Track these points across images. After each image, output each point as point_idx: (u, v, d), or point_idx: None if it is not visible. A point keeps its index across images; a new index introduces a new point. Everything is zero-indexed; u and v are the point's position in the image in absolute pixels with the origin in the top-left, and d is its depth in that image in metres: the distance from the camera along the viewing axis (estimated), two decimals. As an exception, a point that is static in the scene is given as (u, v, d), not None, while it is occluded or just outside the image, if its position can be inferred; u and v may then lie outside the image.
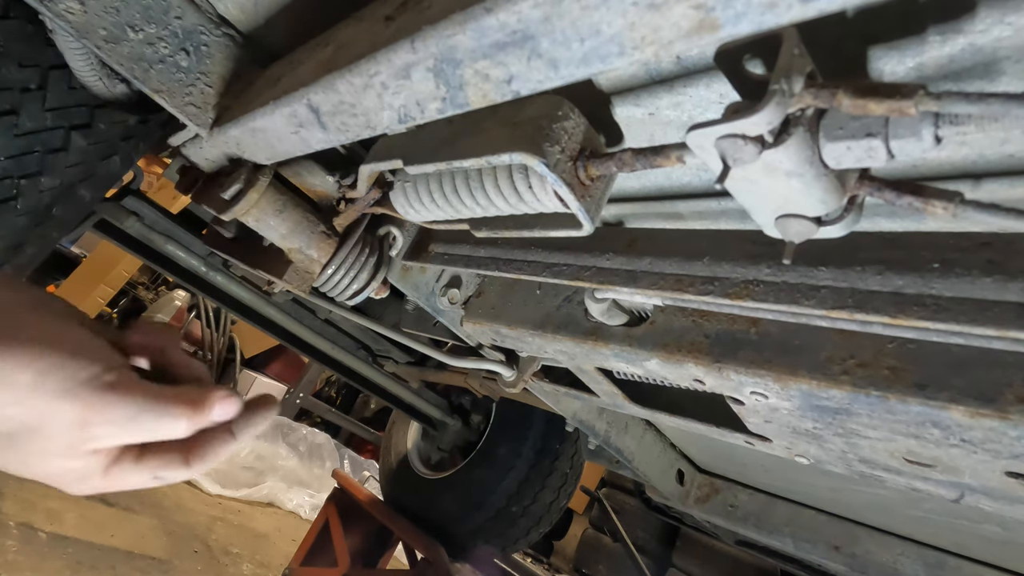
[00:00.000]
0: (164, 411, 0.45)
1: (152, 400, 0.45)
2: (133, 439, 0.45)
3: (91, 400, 0.42)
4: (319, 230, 0.82)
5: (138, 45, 0.66)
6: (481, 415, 2.92)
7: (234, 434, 0.50)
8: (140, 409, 0.44)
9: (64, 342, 0.42)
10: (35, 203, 1.13)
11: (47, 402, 0.41)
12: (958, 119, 0.34)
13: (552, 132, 0.48)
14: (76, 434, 0.42)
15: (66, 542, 3.36)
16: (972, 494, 0.68)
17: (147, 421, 0.45)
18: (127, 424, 0.44)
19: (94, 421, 0.42)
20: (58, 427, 0.41)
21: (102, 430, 0.43)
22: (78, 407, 0.42)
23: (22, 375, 0.40)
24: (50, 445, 0.42)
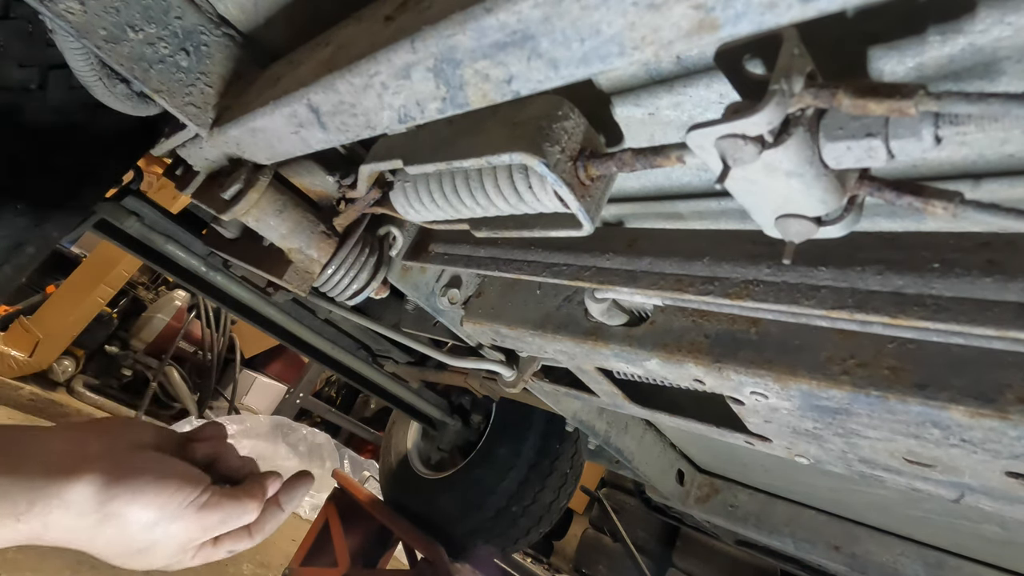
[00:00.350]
0: (242, 510, 0.61)
1: (232, 504, 0.61)
2: (219, 534, 0.61)
3: (193, 519, 0.58)
4: (319, 230, 0.82)
5: (138, 45, 0.66)
6: (481, 415, 2.92)
7: (282, 506, 0.66)
8: (227, 515, 0.60)
9: (170, 478, 0.57)
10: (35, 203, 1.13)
11: (164, 529, 0.56)
12: (958, 119, 0.34)
13: (552, 132, 0.48)
14: (182, 543, 0.59)
15: (66, 542, 3.36)
16: (972, 494, 0.68)
17: (231, 521, 0.61)
18: (218, 527, 0.60)
19: (196, 534, 0.59)
20: (171, 542, 0.58)
21: (200, 535, 0.59)
22: (184, 526, 0.58)
23: (146, 514, 0.55)
24: (164, 552, 0.58)
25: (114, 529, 0.54)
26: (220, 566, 4.11)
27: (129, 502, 0.54)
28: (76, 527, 0.53)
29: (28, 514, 0.50)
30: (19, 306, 4.76)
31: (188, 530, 0.58)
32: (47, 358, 4.58)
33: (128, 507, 0.54)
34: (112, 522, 0.54)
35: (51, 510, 0.51)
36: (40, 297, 4.84)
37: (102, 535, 0.54)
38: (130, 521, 0.54)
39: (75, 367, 4.85)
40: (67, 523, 0.52)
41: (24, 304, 4.78)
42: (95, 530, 0.53)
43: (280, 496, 0.66)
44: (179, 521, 0.57)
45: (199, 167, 0.83)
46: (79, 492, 0.52)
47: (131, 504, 0.54)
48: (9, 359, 4.39)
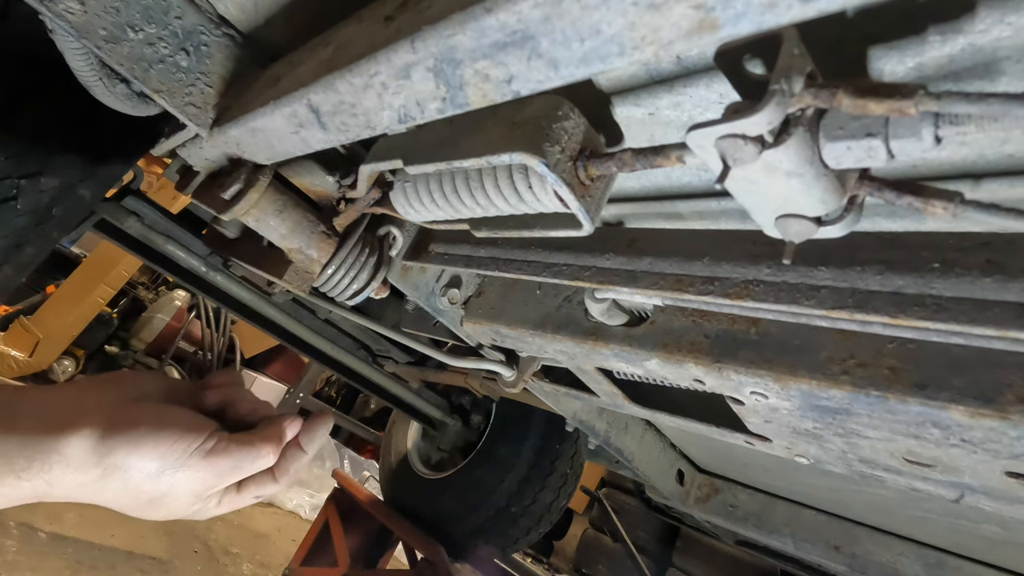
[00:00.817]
0: (255, 454, 0.60)
1: (244, 449, 0.59)
2: (237, 480, 0.60)
3: (201, 466, 0.56)
4: (319, 230, 0.82)
5: (138, 45, 0.66)
6: (481, 415, 2.92)
7: (304, 448, 0.64)
8: (238, 460, 0.59)
9: (170, 427, 0.56)
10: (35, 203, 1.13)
11: (170, 478, 0.55)
12: (958, 119, 0.34)
13: (552, 132, 0.48)
14: (196, 491, 0.57)
15: (66, 542, 3.36)
16: (972, 494, 0.68)
17: (245, 466, 0.59)
18: (231, 473, 0.59)
19: (209, 481, 0.57)
20: (182, 491, 0.57)
21: (213, 482, 0.58)
22: (193, 474, 0.56)
23: (148, 464, 0.54)
24: (179, 502, 0.57)
25: (118, 482, 0.53)
26: (220, 566, 4.11)
27: (128, 453, 0.53)
28: (80, 482, 0.52)
29: (28, 471, 0.50)
30: (19, 306, 4.76)
31: (199, 478, 0.56)
32: (47, 358, 4.58)
33: (128, 458, 0.53)
34: (115, 474, 0.53)
35: (51, 466, 0.51)
36: (40, 297, 4.84)
37: (108, 488, 0.54)
38: (133, 472, 0.53)
39: (75, 367, 4.85)
40: (70, 478, 0.52)
41: (24, 304, 4.79)
42: (100, 483, 0.53)
43: (301, 438, 0.64)
44: (186, 469, 0.55)
45: (199, 167, 0.83)
46: (76, 446, 0.51)
47: (131, 455, 0.53)
48: (9, 359, 4.39)
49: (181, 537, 4.17)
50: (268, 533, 5.04)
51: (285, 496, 5.44)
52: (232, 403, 0.65)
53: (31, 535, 3.24)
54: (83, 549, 3.38)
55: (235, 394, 0.65)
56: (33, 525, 3.32)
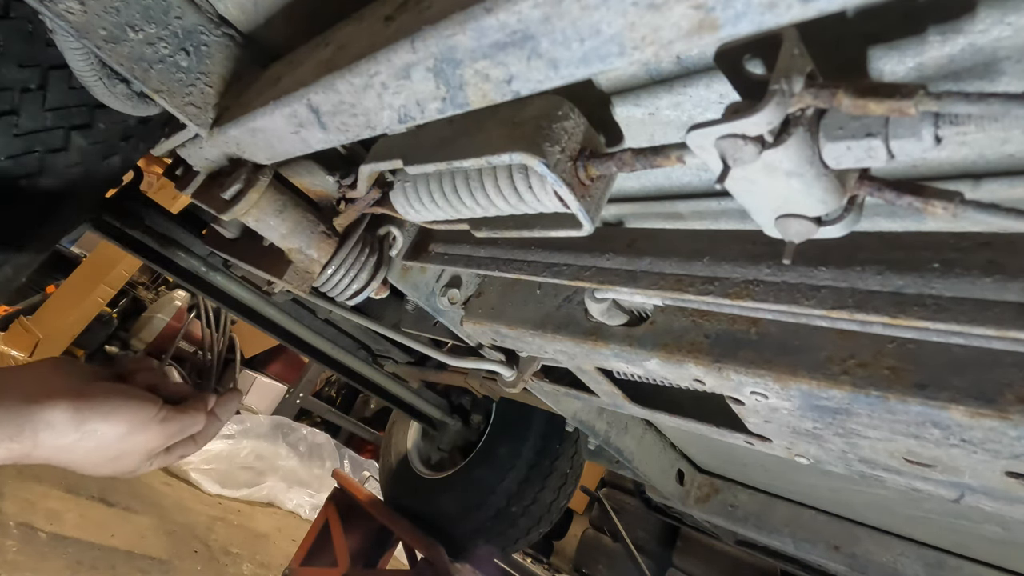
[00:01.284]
0: (192, 420, 0.76)
1: (185, 417, 0.75)
2: (176, 441, 0.76)
3: (157, 430, 0.72)
4: (319, 230, 0.82)
5: (138, 45, 0.66)
6: (481, 415, 2.92)
7: (220, 417, 0.81)
8: (181, 425, 0.75)
9: (133, 400, 0.70)
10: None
11: (134, 439, 0.70)
12: (958, 119, 0.34)
13: (552, 132, 0.48)
14: (148, 450, 0.73)
15: (66, 542, 3.36)
16: (972, 494, 0.68)
17: (186, 430, 0.76)
18: (176, 436, 0.75)
19: (159, 442, 0.73)
20: (138, 450, 0.72)
21: (162, 443, 0.74)
22: (150, 436, 0.71)
23: (118, 428, 0.68)
24: (132, 458, 0.72)
25: (92, 442, 0.66)
26: (220, 566, 4.11)
27: (103, 419, 0.66)
28: (60, 445, 0.64)
29: (20, 436, 0.61)
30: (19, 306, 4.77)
31: (153, 439, 0.71)
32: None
33: (103, 424, 0.66)
34: (90, 437, 0.66)
35: (38, 431, 0.62)
36: (40, 297, 4.84)
37: (81, 448, 0.66)
38: (105, 434, 0.67)
39: (75, 367, 4.84)
40: (52, 442, 0.64)
41: (24, 304, 4.79)
42: (76, 445, 0.66)
43: (217, 409, 0.80)
44: (145, 432, 0.70)
45: (199, 167, 0.83)
46: (57, 416, 0.64)
47: (105, 421, 0.66)
48: (9, 359, 4.39)
49: (181, 537, 4.17)
50: (268, 533, 5.04)
51: (285, 496, 5.44)
52: (159, 384, 0.78)
53: (31, 535, 3.24)
54: (83, 549, 3.38)
55: (159, 377, 0.79)
56: (33, 525, 3.32)
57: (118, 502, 4.14)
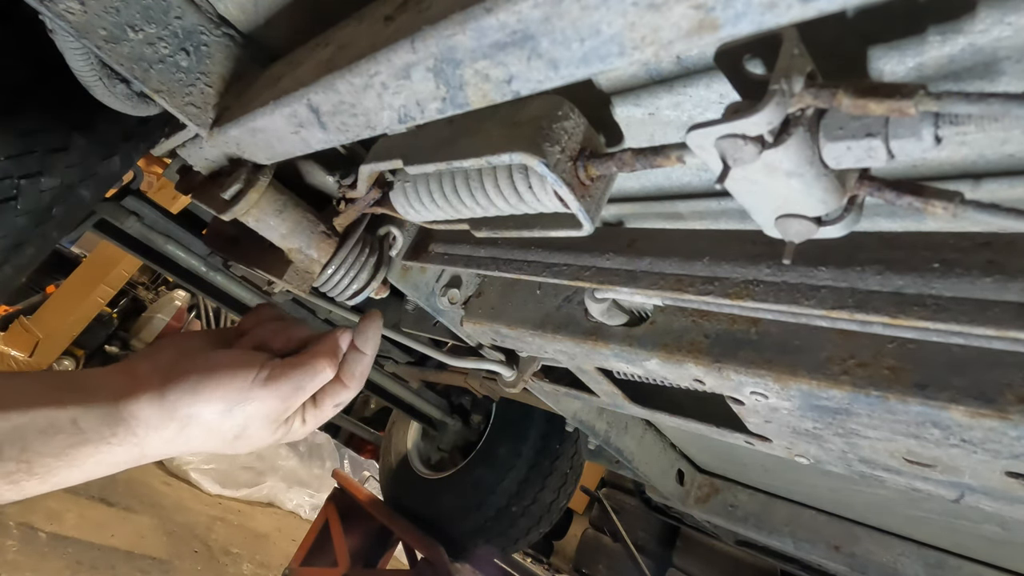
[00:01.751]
0: (312, 371, 0.63)
1: (299, 370, 0.62)
2: (304, 399, 0.64)
3: (264, 395, 0.60)
4: (319, 230, 0.82)
5: (138, 45, 0.66)
6: (481, 415, 2.92)
7: (362, 349, 0.69)
8: (297, 381, 0.62)
9: (221, 368, 0.60)
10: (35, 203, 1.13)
11: (242, 411, 0.59)
12: (958, 119, 0.34)
13: (552, 132, 0.48)
14: (270, 417, 0.61)
15: (66, 542, 3.36)
16: (972, 494, 0.68)
17: (306, 384, 0.63)
18: (296, 393, 0.62)
19: (277, 405, 0.61)
20: (256, 421, 0.61)
21: (282, 406, 0.62)
22: (260, 404, 0.60)
23: (215, 406, 0.58)
24: (260, 431, 0.62)
25: (196, 428, 0.58)
26: (220, 566, 4.11)
27: (192, 402, 0.57)
28: (165, 438, 0.58)
29: (116, 436, 0.55)
30: (19, 306, 4.77)
31: (266, 406, 0.60)
32: (47, 358, 4.58)
33: (193, 406, 0.58)
34: (191, 423, 0.58)
35: (134, 430, 0.56)
36: (40, 297, 4.84)
37: (192, 437, 0.59)
38: (205, 417, 0.58)
39: (75, 367, 4.85)
40: (154, 437, 0.57)
41: (24, 304, 4.79)
42: (183, 435, 0.58)
43: (357, 341, 0.69)
44: (251, 401, 0.60)
45: (199, 167, 0.83)
46: (144, 409, 0.56)
47: (195, 403, 0.58)
48: (9, 359, 4.39)
49: (181, 537, 4.17)
50: (268, 533, 5.04)
51: (285, 496, 5.44)
52: (271, 334, 0.68)
53: (31, 535, 3.24)
54: (83, 549, 3.38)
55: (271, 326, 0.69)
56: (33, 525, 3.32)
57: (118, 502, 4.14)
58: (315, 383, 0.64)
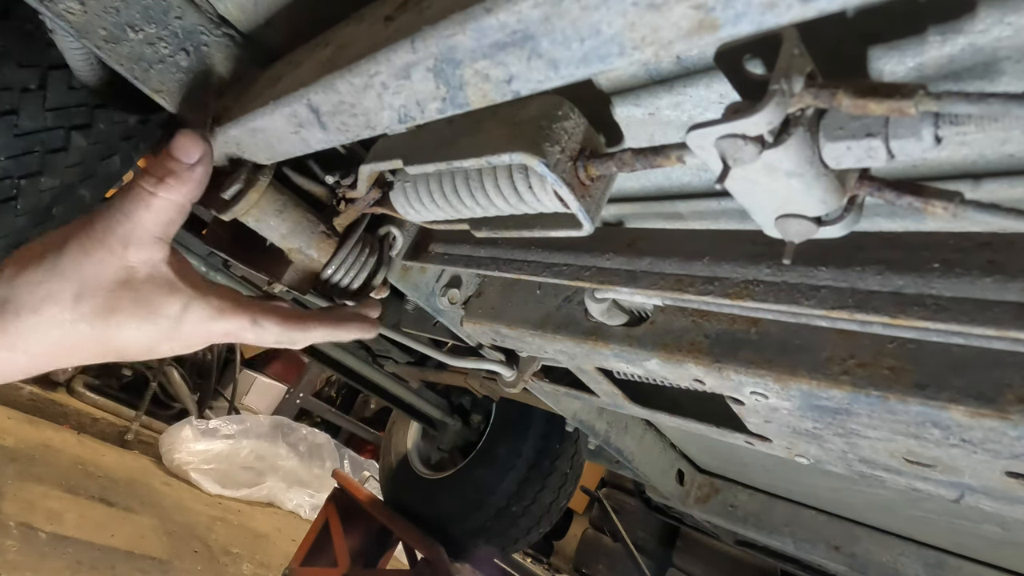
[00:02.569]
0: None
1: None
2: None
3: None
4: (319, 230, 0.82)
5: (138, 45, 0.66)
6: (481, 415, 2.92)
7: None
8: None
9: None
10: (35, 203, 1.13)
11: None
12: (958, 119, 0.34)
13: (552, 132, 0.48)
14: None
15: (66, 542, 3.36)
16: (972, 494, 0.68)
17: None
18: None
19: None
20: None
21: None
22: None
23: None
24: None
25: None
26: (220, 566, 4.11)
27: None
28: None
29: None
30: (19, 306, 4.75)
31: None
32: (47, 358, 4.56)
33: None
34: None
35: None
36: (40, 297, 4.82)
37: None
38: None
39: (75, 367, 4.85)
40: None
41: (24, 304, 4.77)
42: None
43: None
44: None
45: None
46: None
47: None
48: (9, 359, 4.38)
49: (181, 537, 4.17)
50: (268, 533, 5.04)
51: (285, 496, 5.44)
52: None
53: (31, 535, 3.24)
54: (83, 549, 3.38)
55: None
56: (33, 525, 3.32)
57: (118, 502, 4.14)
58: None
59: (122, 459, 4.97)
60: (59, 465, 4.16)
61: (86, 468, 4.40)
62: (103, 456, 4.82)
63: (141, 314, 0.54)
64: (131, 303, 0.53)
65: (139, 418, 5.44)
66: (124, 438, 5.30)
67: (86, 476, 4.26)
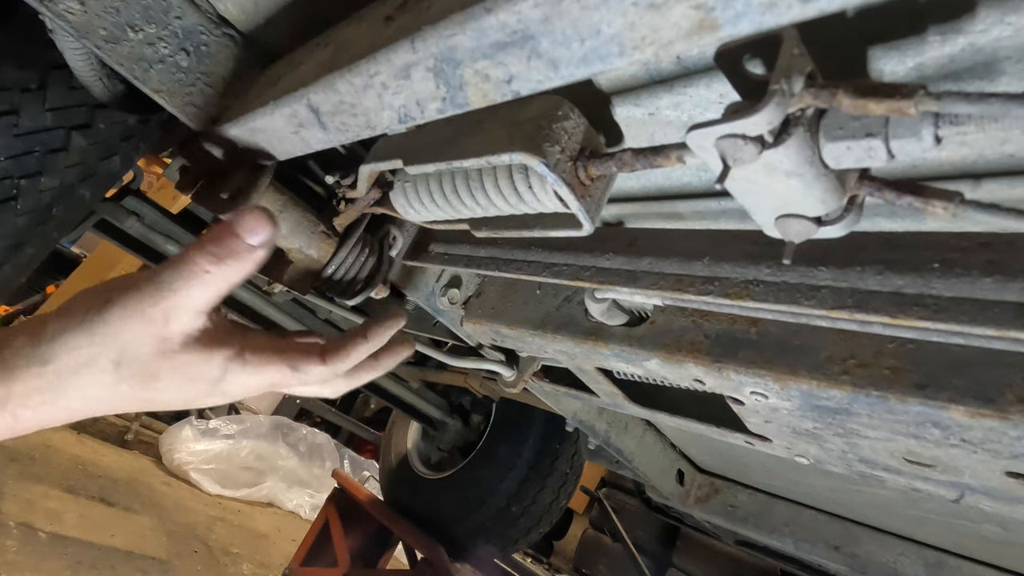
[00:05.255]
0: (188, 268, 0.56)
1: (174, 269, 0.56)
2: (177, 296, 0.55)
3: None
4: (319, 230, 0.82)
5: (138, 45, 0.66)
6: (481, 415, 2.92)
7: (366, 336, 0.62)
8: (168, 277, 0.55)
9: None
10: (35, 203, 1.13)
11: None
12: (958, 119, 0.34)
13: (552, 132, 0.48)
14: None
15: (66, 542, 3.36)
16: (972, 494, 0.68)
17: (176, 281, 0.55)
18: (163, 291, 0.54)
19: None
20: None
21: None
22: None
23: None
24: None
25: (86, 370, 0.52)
26: (220, 566, 4.11)
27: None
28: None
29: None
30: (19, 306, 4.76)
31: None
32: (47, 358, 4.57)
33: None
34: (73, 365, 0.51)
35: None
36: (40, 297, 4.84)
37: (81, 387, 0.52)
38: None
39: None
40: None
41: (24, 304, 4.78)
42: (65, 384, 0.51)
43: (369, 328, 0.62)
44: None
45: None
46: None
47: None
48: (9, 359, 4.38)
49: (181, 537, 4.17)
50: (268, 533, 5.04)
51: (285, 496, 5.44)
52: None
53: (31, 535, 3.23)
54: (83, 549, 3.38)
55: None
56: (33, 525, 3.32)
57: (118, 502, 4.14)
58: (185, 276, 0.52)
59: (122, 459, 4.97)
60: (59, 465, 4.15)
61: (86, 468, 4.40)
62: (103, 456, 4.81)
63: (179, 382, 0.54)
64: (170, 372, 0.54)
65: (139, 418, 5.44)
66: (124, 438, 5.30)
67: (86, 476, 4.26)
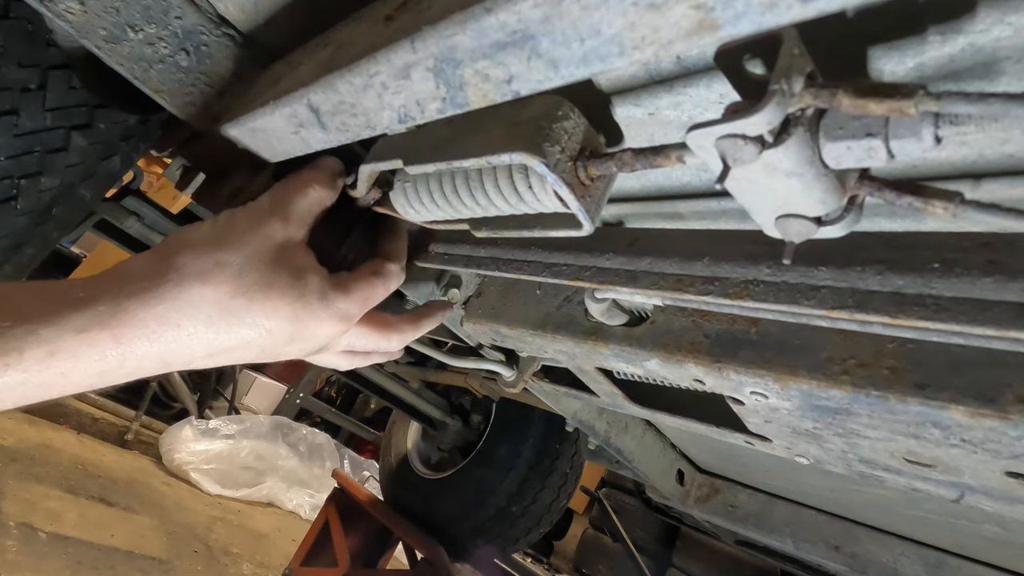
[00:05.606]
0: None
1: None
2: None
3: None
4: (319, 230, 0.82)
5: (138, 45, 0.66)
6: (481, 415, 2.92)
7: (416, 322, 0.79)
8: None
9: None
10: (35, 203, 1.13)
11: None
12: (958, 119, 0.34)
13: (552, 132, 0.48)
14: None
15: (66, 542, 3.36)
16: (972, 494, 0.68)
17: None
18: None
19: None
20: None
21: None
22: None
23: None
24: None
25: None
26: (220, 566, 4.11)
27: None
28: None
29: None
30: (19, 306, 4.75)
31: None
32: (47, 358, 4.57)
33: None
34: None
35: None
36: (40, 297, 4.82)
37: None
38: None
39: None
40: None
41: (24, 304, 4.77)
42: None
43: (420, 311, 0.83)
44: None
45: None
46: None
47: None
48: (9, 359, 4.38)
49: (181, 537, 4.17)
50: (268, 533, 5.04)
51: (285, 496, 5.44)
52: None
53: (31, 535, 3.24)
54: (83, 549, 3.38)
55: None
56: (33, 525, 3.32)
57: (118, 502, 4.14)
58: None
59: (122, 459, 4.97)
60: (59, 465, 4.16)
61: (86, 468, 4.40)
62: (103, 456, 4.82)
63: (293, 291, 0.59)
64: (288, 275, 0.58)
65: (139, 418, 5.44)
66: (124, 438, 5.30)
67: (86, 476, 4.26)
